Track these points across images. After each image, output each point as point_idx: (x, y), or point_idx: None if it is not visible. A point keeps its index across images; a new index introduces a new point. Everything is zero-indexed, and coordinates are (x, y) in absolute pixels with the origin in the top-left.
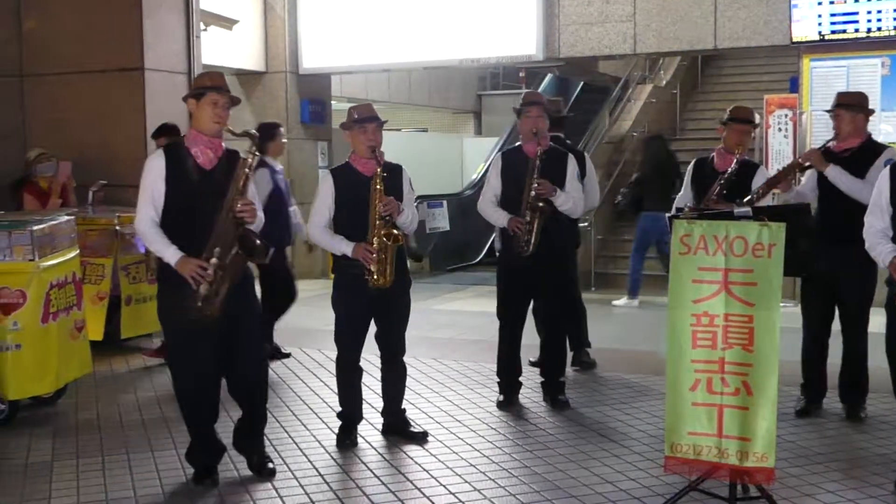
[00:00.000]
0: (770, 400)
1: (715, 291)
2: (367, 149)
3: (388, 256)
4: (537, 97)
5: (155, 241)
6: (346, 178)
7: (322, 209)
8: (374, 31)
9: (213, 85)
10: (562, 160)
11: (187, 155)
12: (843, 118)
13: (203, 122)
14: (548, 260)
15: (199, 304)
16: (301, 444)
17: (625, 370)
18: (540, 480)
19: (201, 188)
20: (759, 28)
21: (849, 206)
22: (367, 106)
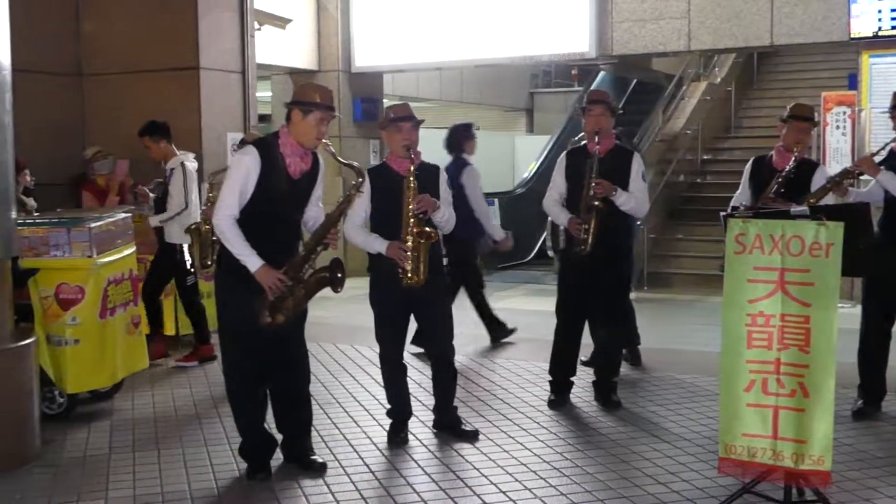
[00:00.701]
0: (827, 402)
1: (771, 291)
2: (402, 148)
3: (420, 255)
4: (601, 95)
5: (236, 243)
6: (382, 177)
7: (358, 208)
8: (426, 30)
9: (322, 102)
10: (626, 159)
11: (280, 160)
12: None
13: (305, 136)
14: (606, 259)
15: (269, 315)
16: (352, 440)
17: (677, 370)
18: (591, 480)
19: (286, 196)
20: (817, 24)
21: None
22: (404, 105)
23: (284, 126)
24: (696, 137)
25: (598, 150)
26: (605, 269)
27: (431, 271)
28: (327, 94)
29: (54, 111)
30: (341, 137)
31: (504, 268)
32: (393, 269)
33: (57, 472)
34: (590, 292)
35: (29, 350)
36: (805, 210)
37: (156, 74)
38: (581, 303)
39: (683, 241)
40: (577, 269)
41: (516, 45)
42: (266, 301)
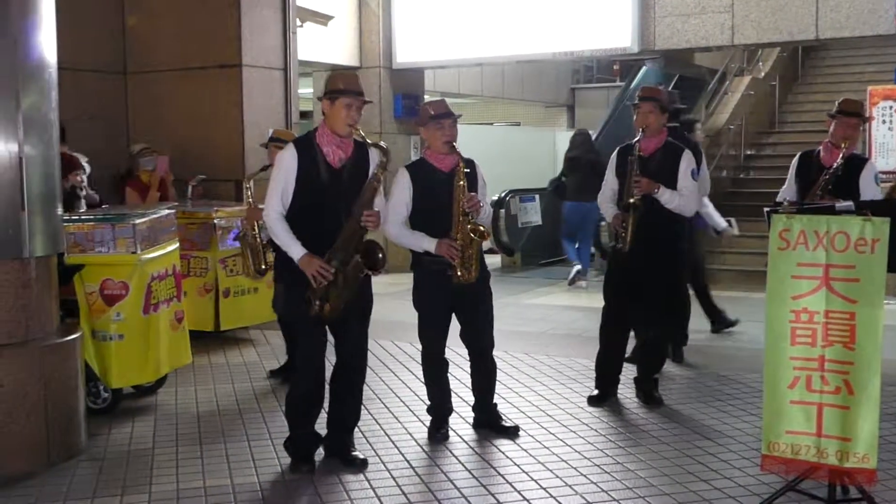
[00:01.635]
0: (872, 399)
1: (815, 287)
2: (445, 144)
3: (473, 252)
4: (652, 92)
5: (281, 234)
6: (423, 174)
7: (399, 206)
8: (467, 25)
9: (346, 88)
10: (675, 156)
11: (318, 152)
12: None
13: (336, 123)
14: (647, 257)
15: (318, 303)
16: (393, 436)
17: (721, 367)
18: (633, 477)
19: (329, 186)
20: (864, 17)
21: None
22: (442, 102)
23: (323, 120)
24: (739, 133)
25: (644, 148)
26: (646, 267)
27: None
28: (352, 79)
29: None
30: (382, 133)
31: (545, 264)
32: (440, 267)
33: (102, 465)
34: (633, 290)
35: (74, 345)
36: (850, 206)
37: (199, 72)
38: (624, 301)
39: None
40: (620, 266)
41: (557, 40)
42: (314, 291)
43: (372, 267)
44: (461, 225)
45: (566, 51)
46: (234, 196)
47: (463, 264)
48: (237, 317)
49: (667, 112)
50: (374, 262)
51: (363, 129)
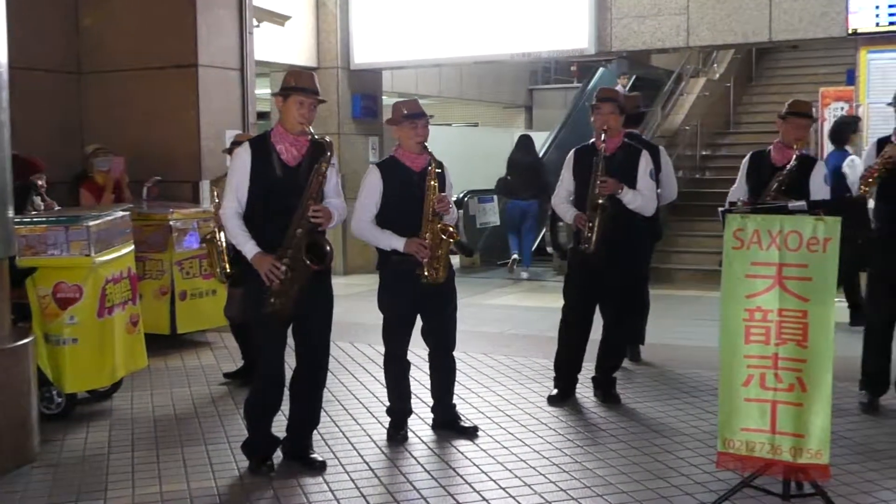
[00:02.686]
0: (825, 396)
1: (769, 286)
2: (417, 144)
3: (442, 251)
4: (611, 93)
5: (236, 232)
6: (394, 173)
7: (369, 204)
8: (425, 26)
9: (297, 85)
10: (634, 157)
11: (272, 150)
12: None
13: (288, 121)
14: (612, 257)
15: (273, 301)
16: (352, 438)
17: (677, 365)
18: (591, 476)
19: (284, 184)
20: (816, 19)
21: None
22: (415, 101)
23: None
24: (695, 133)
25: (606, 148)
26: (610, 267)
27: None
28: (304, 77)
29: (53, 109)
30: (340, 134)
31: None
32: (408, 267)
33: (55, 472)
34: (596, 290)
35: (27, 350)
36: (803, 205)
37: (154, 72)
38: (586, 301)
39: (683, 236)
40: (583, 267)
41: (515, 41)
42: (268, 289)
43: (318, 261)
44: (431, 225)
45: (524, 52)
46: (191, 197)
47: (432, 264)
48: (194, 320)
49: (624, 113)
50: (321, 257)
51: (321, 130)
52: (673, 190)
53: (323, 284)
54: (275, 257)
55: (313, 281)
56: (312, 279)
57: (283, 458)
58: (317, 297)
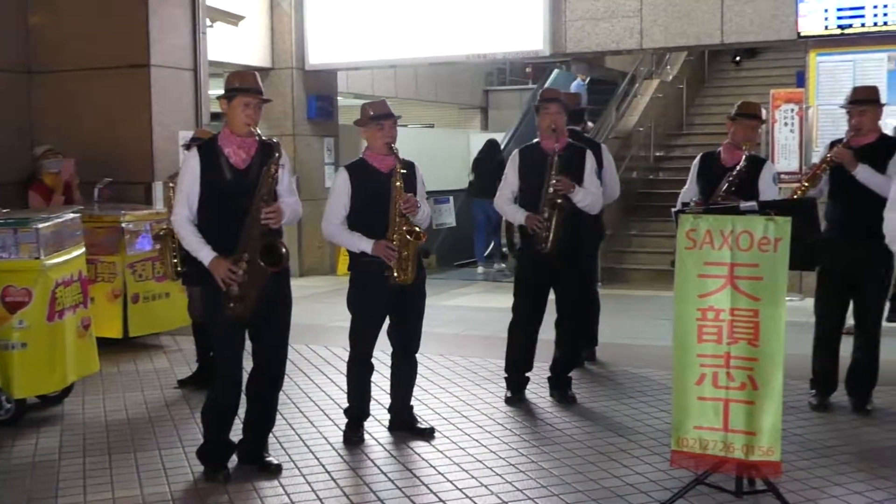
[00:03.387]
0: (776, 394)
1: (721, 286)
2: (385, 145)
3: (409, 253)
4: (556, 93)
5: (190, 239)
6: (363, 175)
7: (338, 206)
8: (381, 27)
9: (241, 86)
10: (580, 156)
11: (220, 154)
12: (868, 114)
13: (235, 123)
14: (566, 256)
15: (232, 305)
16: (308, 441)
17: (632, 365)
18: (547, 476)
19: (235, 188)
20: (767, 22)
21: (868, 201)
22: (382, 103)
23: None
24: (649, 134)
25: (557, 148)
26: (565, 266)
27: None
28: (248, 77)
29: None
30: (295, 135)
31: (460, 265)
32: (377, 268)
33: (5, 478)
34: (546, 290)
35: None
36: (754, 205)
37: (106, 72)
38: (539, 301)
39: (638, 236)
40: (536, 267)
41: (471, 42)
42: (225, 293)
43: (273, 264)
44: (398, 226)
45: (479, 53)
46: (144, 199)
47: (400, 265)
48: (147, 323)
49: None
50: (277, 259)
51: (276, 131)
52: (616, 188)
53: (281, 287)
54: (231, 261)
55: (272, 283)
56: (271, 282)
57: (239, 462)
58: (275, 299)
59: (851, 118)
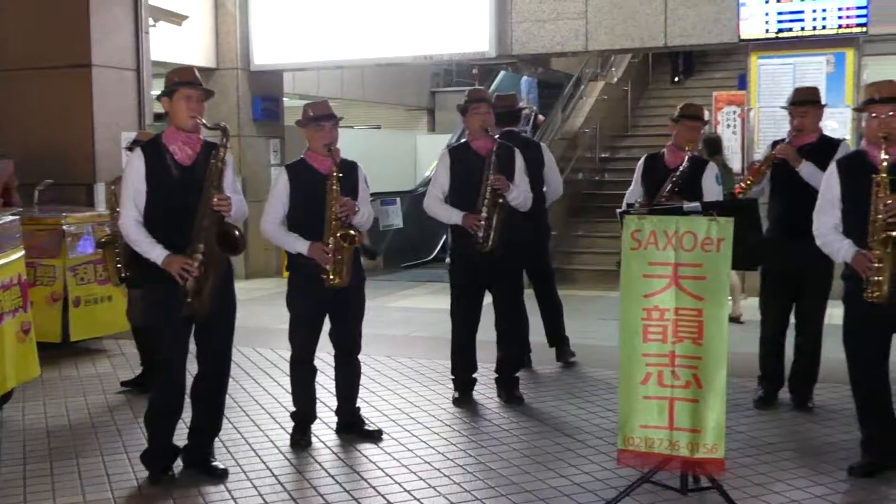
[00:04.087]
0: (719, 392)
1: (665, 286)
2: (324, 147)
3: (344, 257)
4: (483, 94)
5: (140, 241)
6: (302, 175)
7: (277, 206)
8: (327, 28)
9: (181, 80)
10: (511, 155)
11: (165, 152)
12: (810, 114)
13: (178, 118)
14: (504, 255)
15: (189, 301)
16: (254, 444)
17: (579, 364)
18: (495, 476)
19: (182, 185)
20: (709, 26)
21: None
22: (324, 103)
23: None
24: (594, 136)
25: (485, 147)
26: (503, 264)
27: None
28: (186, 71)
29: None
30: (241, 137)
31: (407, 267)
32: (314, 270)
33: None
34: (483, 288)
35: None
36: (697, 206)
37: (47, 72)
38: (476, 301)
39: (584, 237)
40: (472, 268)
41: (417, 44)
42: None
43: (231, 250)
44: (333, 229)
45: (426, 54)
46: (86, 201)
47: (335, 269)
48: (89, 327)
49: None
50: (233, 245)
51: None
52: (559, 186)
53: (226, 288)
54: (185, 255)
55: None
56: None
57: (184, 466)
58: (220, 301)
59: (793, 119)
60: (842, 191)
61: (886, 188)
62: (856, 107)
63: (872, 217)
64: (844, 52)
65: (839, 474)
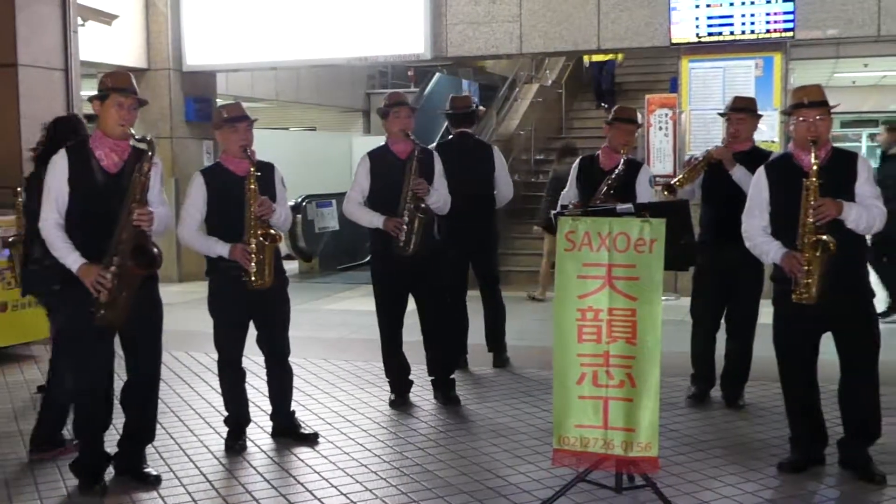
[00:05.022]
0: (653, 391)
1: (599, 286)
2: (240, 148)
3: (266, 257)
4: (403, 97)
5: (57, 244)
6: (218, 179)
7: (193, 211)
8: (261, 29)
9: (115, 86)
10: (430, 159)
11: (91, 157)
12: (746, 122)
13: (108, 124)
14: (427, 258)
15: (102, 312)
16: (188, 450)
17: (515, 365)
18: (432, 478)
19: (106, 191)
20: (641, 30)
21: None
22: (237, 105)
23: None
24: (529, 138)
25: (404, 151)
26: (428, 268)
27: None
28: (121, 77)
29: None
30: (173, 138)
31: (343, 269)
32: (236, 273)
33: None
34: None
35: None
36: (630, 207)
37: None
38: (400, 304)
39: (519, 239)
40: (393, 271)
41: (352, 45)
42: (95, 300)
43: (147, 266)
44: (254, 230)
45: (361, 56)
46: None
47: (257, 270)
48: (16, 332)
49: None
50: (149, 261)
51: (153, 134)
52: (509, 189)
53: (149, 292)
54: (101, 266)
55: (139, 289)
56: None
57: (115, 473)
58: (143, 305)
59: (730, 125)
60: (770, 194)
61: (816, 192)
62: (784, 110)
63: (802, 220)
64: (772, 57)
65: (769, 470)
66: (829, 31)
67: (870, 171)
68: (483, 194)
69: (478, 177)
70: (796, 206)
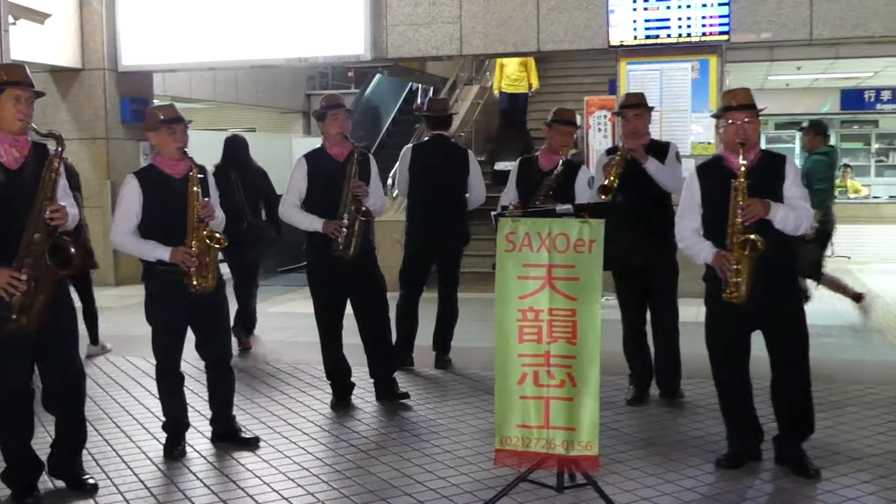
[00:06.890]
0: (593, 390)
1: (539, 287)
2: (177, 150)
3: (210, 259)
4: (340, 99)
5: None
6: (154, 182)
7: (129, 214)
8: (199, 28)
9: (10, 79)
10: (368, 161)
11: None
12: (644, 117)
13: (5, 120)
14: (365, 261)
15: (15, 317)
16: (126, 456)
17: (457, 366)
18: (374, 480)
19: (8, 189)
20: (580, 32)
21: (656, 199)
22: (171, 106)
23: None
24: (469, 140)
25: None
26: (364, 270)
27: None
28: (17, 70)
29: None
30: (109, 139)
31: (284, 271)
32: (175, 277)
33: None
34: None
35: None
36: (569, 208)
37: None
38: (339, 307)
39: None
40: (330, 274)
41: (291, 46)
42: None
43: (63, 265)
44: (196, 232)
45: (300, 56)
46: None
47: (200, 272)
48: None
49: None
50: (66, 260)
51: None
52: (481, 193)
53: (60, 295)
54: (12, 269)
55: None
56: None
57: (51, 481)
58: (56, 308)
59: (628, 122)
60: (702, 196)
61: (745, 192)
62: (713, 114)
63: (731, 220)
64: (708, 59)
65: (707, 466)
66: (763, 34)
67: (797, 173)
68: (455, 196)
69: (451, 178)
70: (727, 208)
